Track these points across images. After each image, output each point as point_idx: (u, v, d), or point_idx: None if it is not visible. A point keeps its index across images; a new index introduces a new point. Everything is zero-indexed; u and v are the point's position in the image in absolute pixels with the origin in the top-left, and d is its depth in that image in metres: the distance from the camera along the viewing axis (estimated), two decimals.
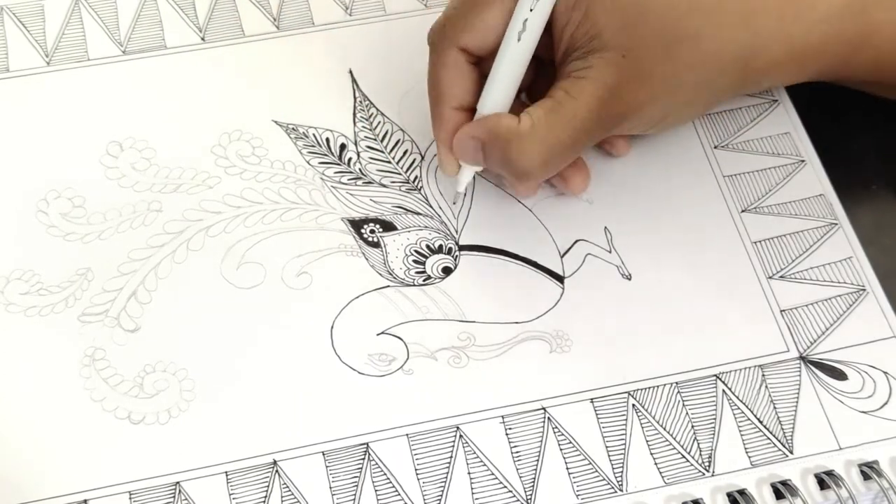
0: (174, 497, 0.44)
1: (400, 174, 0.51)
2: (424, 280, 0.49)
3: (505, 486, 0.44)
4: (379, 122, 0.53)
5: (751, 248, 0.50)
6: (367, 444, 0.45)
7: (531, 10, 0.45)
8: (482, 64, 0.47)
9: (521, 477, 0.44)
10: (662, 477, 0.44)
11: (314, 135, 0.52)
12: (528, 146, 0.44)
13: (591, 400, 0.46)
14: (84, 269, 0.48)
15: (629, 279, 0.49)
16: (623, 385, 0.46)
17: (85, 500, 0.44)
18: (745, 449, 0.45)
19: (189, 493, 0.44)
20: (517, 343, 0.47)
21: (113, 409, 0.45)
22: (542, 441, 0.45)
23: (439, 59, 0.47)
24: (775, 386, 0.46)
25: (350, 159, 0.52)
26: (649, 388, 0.46)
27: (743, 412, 0.46)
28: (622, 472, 0.45)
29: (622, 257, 0.49)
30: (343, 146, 0.52)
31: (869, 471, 0.44)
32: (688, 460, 0.45)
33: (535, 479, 0.44)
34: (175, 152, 0.52)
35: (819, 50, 0.46)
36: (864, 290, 0.49)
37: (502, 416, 0.46)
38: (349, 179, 0.51)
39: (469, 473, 0.44)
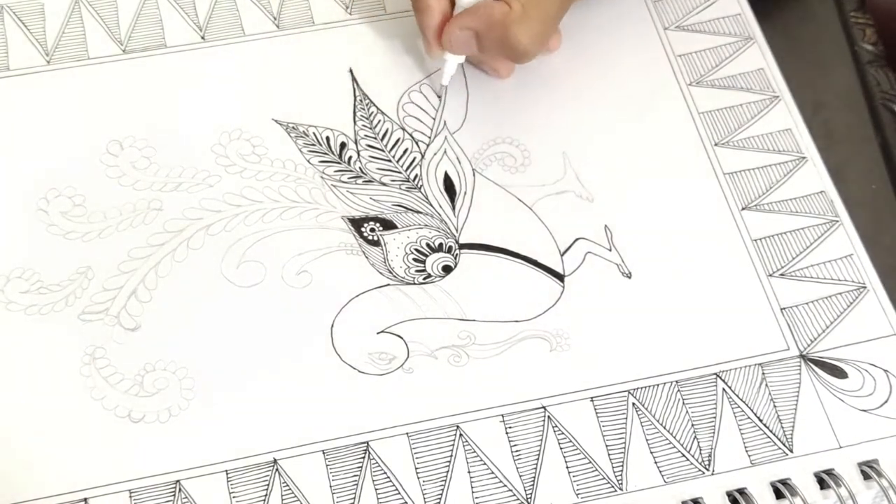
0: (174, 496, 0.44)
1: (400, 173, 0.51)
2: (425, 278, 0.49)
3: (505, 485, 0.44)
4: (379, 121, 0.53)
5: (751, 246, 0.50)
6: (367, 442, 0.45)
7: None
8: None
9: (520, 476, 0.44)
10: (662, 476, 0.44)
11: (314, 133, 0.52)
12: (526, 27, 0.48)
13: (591, 398, 0.46)
14: (84, 268, 0.49)
15: (629, 277, 0.49)
16: (623, 384, 0.46)
17: (85, 499, 0.44)
18: (745, 448, 0.45)
19: (189, 492, 0.44)
20: (517, 342, 0.47)
21: (113, 407, 0.45)
22: (541, 440, 0.45)
23: None
24: (775, 384, 0.46)
25: (350, 158, 0.52)
26: (649, 386, 0.46)
27: (743, 411, 0.46)
28: (622, 470, 0.45)
29: (622, 256, 0.49)
30: (343, 145, 0.52)
31: (869, 470, 0.44)
32: (688, 459, 0.45)
33: (534, 477, 0.44)
34: (175, 151, 0.52)
35: None
36: (865, 287, 0.49)
37: (502, 415, 0.46)
38: (349, 178, 0.51)
39: (469, 472, 0.44)
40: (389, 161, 0.52)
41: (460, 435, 0.45)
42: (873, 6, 0.58)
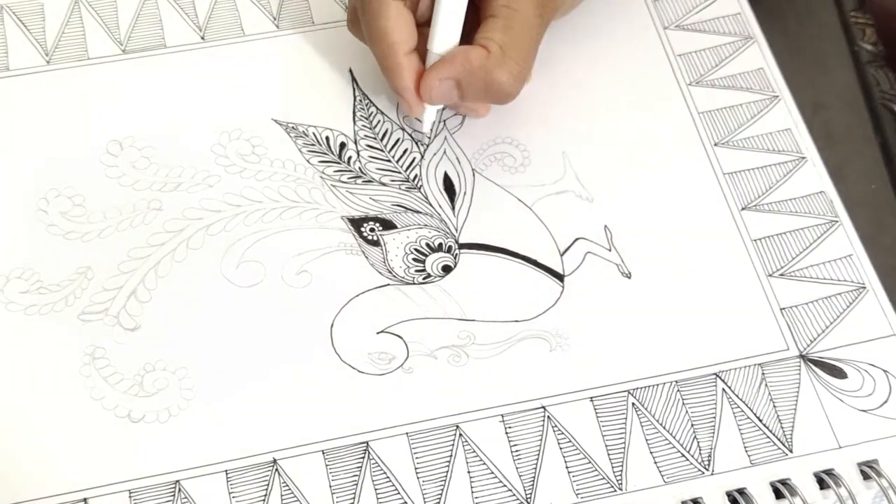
0: (174, 496, 0.44)
1: (399, 173, 0.51)
2: (424, 278, 0.49)
3: (504, 485, 0.44)
4: (379, 121, 0.53)
5: (751, 246, 0.50)
6: (367, 442, 0.45)
7: None
8: (416, 7, 0.50)
9: (520, 476, 0.44)
10: (662, 476, 0.44)
11: (314, 133, 0.52)
12: (508, 69, 0.47)
13: (591, 398, 0.46)
14: (84, 268, 0.49)
15: (629, 277, 0.49)
16: (623, 384, 0.46)
17: (85, 499, 0.44)
18: (745, 448, 0.45)
19: (189, 492, 0.44)
20: (517, 341, 0.47)
21: (113, 407, 0.45)
22: (541, 440, 0.45)
23: (382, 10, 0.48)
24: (775, 384, 0.46)
25: (350, 158, 0.52)
26: (649, 386, 0.46)
27: (743, 411, 0.46)
28: (622, 470, 0.45)
29: (622, 256, 0.49)
30: (343, 145, 0.52)
31: (868, 470, 0.44)
32: (687, 459, 0.45)
33: (534, 477, 0.44)
34: (175, 151, 0.52)
35: None
36: (864, 287, 0.49)
37: (502, 415, 0.46)
38: (349, 178, 0.51)
39: (469, 472, 0.44)
40: (389, 161, 0.52)
41: (460, 435, 0.45)
42: (873, 6, 0.58)
